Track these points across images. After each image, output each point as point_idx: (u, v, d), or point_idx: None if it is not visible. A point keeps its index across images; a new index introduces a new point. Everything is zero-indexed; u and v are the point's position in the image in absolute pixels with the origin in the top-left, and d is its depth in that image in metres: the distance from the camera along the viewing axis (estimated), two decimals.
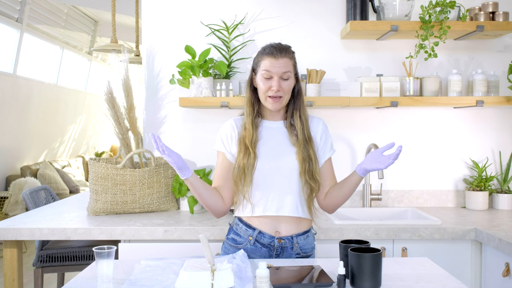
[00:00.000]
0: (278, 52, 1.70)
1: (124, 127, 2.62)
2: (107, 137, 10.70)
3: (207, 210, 1.82)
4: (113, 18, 3.99)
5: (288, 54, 1.72)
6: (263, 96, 1.73)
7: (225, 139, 1.80)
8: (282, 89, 1.70)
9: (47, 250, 2.83)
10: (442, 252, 2.22)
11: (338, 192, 1.77)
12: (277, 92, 1.69)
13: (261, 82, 1.72)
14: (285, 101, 1.74)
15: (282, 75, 1.69)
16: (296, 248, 1.75)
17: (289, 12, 2.76)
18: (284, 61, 1.69)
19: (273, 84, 1.69)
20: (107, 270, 1.47)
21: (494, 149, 2.79)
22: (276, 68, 1.68)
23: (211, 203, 1.76)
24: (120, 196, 2.50)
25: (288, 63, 1.70)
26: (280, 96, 1.71)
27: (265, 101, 1.74)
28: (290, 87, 1.73)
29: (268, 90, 1.70)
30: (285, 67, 1.69)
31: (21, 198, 5.77)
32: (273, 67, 1.69)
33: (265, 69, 1.70)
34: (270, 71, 1.69)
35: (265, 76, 1.70)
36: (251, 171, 1.71)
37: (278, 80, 1.69)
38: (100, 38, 9.18)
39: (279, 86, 1.68)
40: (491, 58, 2.77)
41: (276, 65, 1.68)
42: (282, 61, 1.69)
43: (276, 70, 1.68)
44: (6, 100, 6.28)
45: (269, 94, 1.70)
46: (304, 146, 1.74)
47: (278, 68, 1.68)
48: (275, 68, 1.69)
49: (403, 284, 1.46)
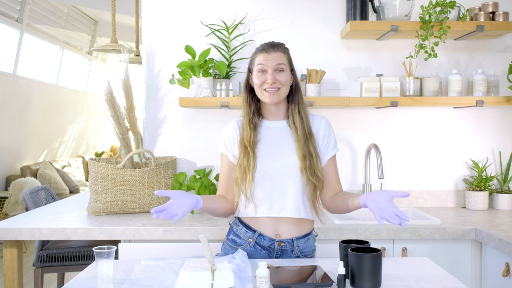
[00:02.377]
0: (271, 47, 1.72)
1: (124, 127, 2.62)
2: (107, 137, 10.70)
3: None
4: (113, 18, 3.99)
5: (281, 48, 1.74)
6: (260, 91, 1.72)
7: (227, 141, 1.80)
8: (278, 81, 1.69)
9: (47, 250, 2.83)
10: (442, 252, 2.22)
11: (341, 204, 1.75)
12: (273, 84, 1.69)
13: (256, 77, 1.72)
14: (283, 94, 1.73)
15: (276, 67, 1.70)
16: (296, 251, 1.74)
17: (289, 12, 2.76)
18: (277, 54, 1.71)
19: (267, 77, 1.69)
20: (107, 270, 1.47)
21: (494, 149, 2.79)
22: (270, 62, 1.70)
23: (221, 212, 1.78)
24: (120, 196, 2.50)
25: (281, 57, 1.72)
26: (277, 88, 1.70)
27: (262, 96, 1.73)
28: (286, 79, 1.72)
29: (264, 83, 1.70)
30: (278, 59, 1.71)
31: (21, 198, 5.77)
32: (266, 61, 1.70)
33: (259, 63, 1.72)
34: (263, 65, 1.70)
35: (259, 70, 1.71)
36: (252, 171, 1.70)
37: (272, 72, 1.69)
38: (100, 38, 9.18)
39: (274, 78, 1.69)
40: (491, 58, 2.77)
41: (269, 58, 1.70)
42: (275, 55, 1.71)
43: (270, 63, 1.70)
44: (6, 100, 6.28)
45: (265, 87, 1.70)
46: (304, 142, 1.72)
47: (271, 61, 1.70)
48: (269, 61, 1.70)
49: (403, 284, 1.46)
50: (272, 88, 1.69)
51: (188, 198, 1.57)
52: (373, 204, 1.55)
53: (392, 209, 1.49)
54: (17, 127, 6.69)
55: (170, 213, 1.51)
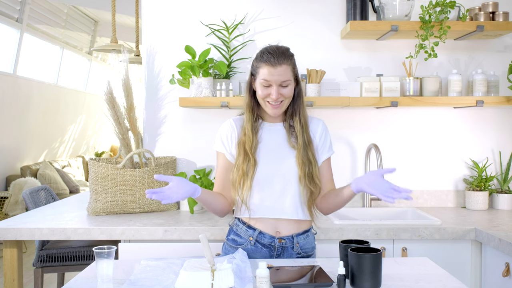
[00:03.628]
0: (276, 59, 1.64)
1: (124, 127, 2.62)
2: (107, 137, 10.70)
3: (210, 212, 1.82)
4: (113, 18, 3.99)
5: (287, 60, 1.67)
6: (262, 101, 1.71)
7: (225, 139, 1.80)
8: (282, 95, 1.68)
9: (47, 250, 2.83)
10: (442, 252, 2.22)
11: (333, 199, 1.74)
12: (277, 100, 1.68)
13: (260, 89, 1.69)
14: (285, 106, 1.73)
15: (282, 83, 1.67)
16: (296, 247, 1.75)
17: (289, 12, 2.76)
18: (282, 69, 1.65)
19: (272, 92, 1.66)
20: (107, 270, 1.47)
21: (494, 149, 2.79)
22: (275, 77, 1.65)
23: (218, 207, 1.76)
24: (120, 196, 2.50)
25: (287, 70, 1.66)
26: (281, 101, 1.69)
27: (264, 106, 1.72)
28: (290, 92, 1.70)
29: (267, 97, 1.69)
30: (284, 75, 1.66)
31: (21, 198, 5.77)
32: (271, 76, 1.65)
33: (263, 78, 1.66)
34: (268, 80, 1.66)
35: (264, 85, 1.67)
36: (251, 177, 1.71)
37: (277, 88, 1.66)
38: (100, 38, 9.18)
39: (278, 94, 1.66)
40: (491, 58, 2.77)
41: (275, 73, 1.65)
42: (281, 69, 1.65)
43: (275, 78, 1.65)
44: (6, 100, 6.28)
45: (268, 100, 1.69)
46: (303, 149, 1.73)
47: (277, 77, 1.65)
48: (274, 76, 1.65)
49: (403, 284, 1.46)
50: (275, 102, 1.68)
51: (186, 184, 1.58)
52: (368, 186, 1.55)
53: (389, 185, 1.51)
54: (17, 127, 6.69)
55: (164, 196, 1.52)
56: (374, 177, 1.56)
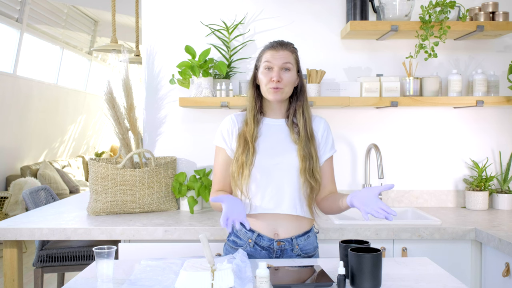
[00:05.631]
0: (279, 45, 1.73)
1: (124, 127, 2.62)
2: (107, 137, 10.70)
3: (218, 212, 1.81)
4: (113, 18, 3.99)
5: (289, 48, 1.75)
6: (265, 88, 1.73)
7: (226, 134, 1.79)
8: (282, 80, 1.69)
9: (47, 250, 2.83)
10: (442, 252, 2.22)
11: (331, 204, 1.75)
12: (277, 83, 1.69)
13: (263, 75, 1.73)
14: (285, 94, 1.73)
15: (283, 66, 1.70)
16: (296, 249, 1.74)
17: (289, 12, 2.76)
18: (284, 53, 1.72)
19: (273, 75, 1.69)
20: (107, 270, 1.47)
21: (494, 149, 2.79)
22: (277, 59, 1.71)
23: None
24: (120, 196, 2.50)
25: (288, 55, 1.73)
26: (281, 88, 1.70)
27: (266, 93, 1.74)
28: (291, 80, 1.72)
29: (269, 82, 1.70)
30: (286, 58, 1.71)
31: (21, 198, 5.77)
32: (273, 58, 1.71)
33: (266, 60, 1.72)
34: (270, 62, 1.71)
35: (265, 67, 1.72)
36: (250, 167, 1.70)
37: (278, 70, 1.70)
38: (100, 38, 9.18)
39: (279, 77, 1.69)
40: (491, 58, 2.77)
41: (277, 56, 1.71)
42: (283, 53, 1.72)
43: (277, 61, 1.71)
44: (6, 100, 6.28)
45: (270, 86, 1.70)
46: (305, 143, 1.73)
47: (278, 59, 1.71)
48: (276, 59, 1.71)
49: (403, 284, 1.46)
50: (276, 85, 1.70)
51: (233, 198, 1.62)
52: (358, 202, 1.57)
53: (377, 204, 1.51)
54: (17, 127, 6.69)
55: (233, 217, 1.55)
56: (368, 195, 1.57)
